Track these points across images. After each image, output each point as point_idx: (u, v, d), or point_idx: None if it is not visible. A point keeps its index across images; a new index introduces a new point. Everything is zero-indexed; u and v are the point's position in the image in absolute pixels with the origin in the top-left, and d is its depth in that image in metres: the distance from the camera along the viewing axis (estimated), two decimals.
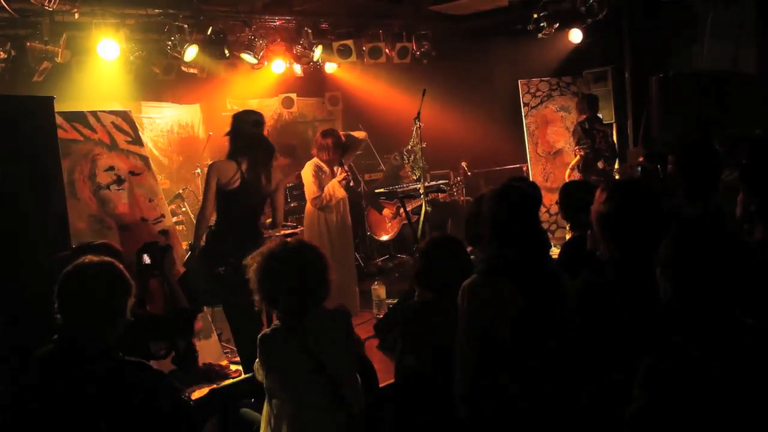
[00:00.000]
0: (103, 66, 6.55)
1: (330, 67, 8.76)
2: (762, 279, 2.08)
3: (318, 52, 7.95)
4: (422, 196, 6.71)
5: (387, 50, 8.36)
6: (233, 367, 5.24)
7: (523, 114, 8.50)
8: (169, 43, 6.81)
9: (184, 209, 7.36)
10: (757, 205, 2.60)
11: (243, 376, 4.93)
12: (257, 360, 2.94)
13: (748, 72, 6.98)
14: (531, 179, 8.31)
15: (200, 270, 4.77)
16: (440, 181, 8.31)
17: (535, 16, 7.29)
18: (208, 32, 7.04)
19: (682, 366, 1.88)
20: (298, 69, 8.51)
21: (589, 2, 7.17)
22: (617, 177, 7.15)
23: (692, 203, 3.48)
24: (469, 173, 8.68)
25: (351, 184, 6.30)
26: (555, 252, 5.31)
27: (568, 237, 5.15)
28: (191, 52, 6.87)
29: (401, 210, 7.29)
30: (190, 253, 4.91)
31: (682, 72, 7.30)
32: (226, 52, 7.15)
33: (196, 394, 4.77)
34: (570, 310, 2.66)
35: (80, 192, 5.06)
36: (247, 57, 7.45)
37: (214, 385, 4.90)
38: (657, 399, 1.88)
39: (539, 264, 2.75)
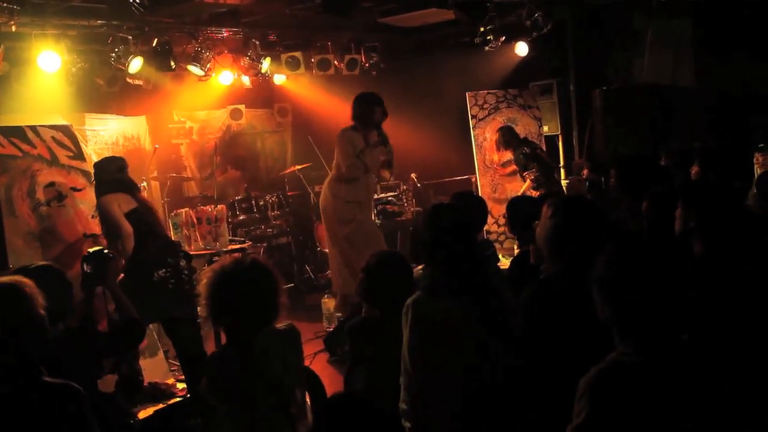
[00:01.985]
0: (44, 77, 6.36)
1: (279, 79, 8.71)
2: (698, 295, 2.12)
3: (266, 64, 7.90)
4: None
5: (336, 62, 8.36)
6: (180, 386, 5.14)
7: (471, 126, 8.58)
8: (113, 54, 6.65)
9: None
10: (695, 220, 2.66)
11: (189, 395, 4.84)
12: (204, 380, 2.89)
13: (686, 85, 7.18)
14: (479, 190, 8.41)
15: (137, 285, 4.68)
16: (389, 194, 8.34)
17: (482, 29, 7.37)
18: (154, 44, 6.93)
19: (621, 382, 1.91)
20: (246, 80, 8.43)
21: (534, 16, 7.29)
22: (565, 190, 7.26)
23: (634, 217, 3.54)
24: (418, 185, 8.72)
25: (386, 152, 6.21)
26: (505, 263, 5.38)
27: (516, 249, 5.22)
28: (136, 64, 6.74)
29: None
30: (122, 275, 4.81)
31: (624, 85, 7.47)
32: (173, 63, 7.04)
33: (142, 415, 4.67)
34: (510, 324, 2.69)
35: (18, 209, 4.92)
36: (193, 69, 7.35)
37: (160, 405, 4.81)
38: (597, 415, 1.90)
39: (476, 281, 2.76)
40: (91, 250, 3.97)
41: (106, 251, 4.09)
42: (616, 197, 3.74)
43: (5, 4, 4.84)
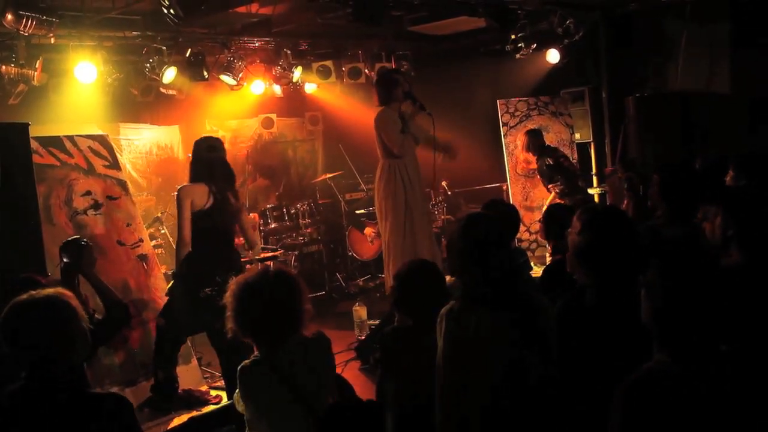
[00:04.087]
0: (80, 88, 6.50)
1: (310, 88, 8.76)
2: (737, 304, 2.08)
3: (297, 73, 7.96)
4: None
5: (366, 70, 8.38)
6: (213, 393, 5.18)
7: (502, 133, 8.54)
8: (148, 65, 6.77)
9: (162, 232, 7.29)
10: (735, 229, 2.61)
11: (224, 402, 4.88)
12: (237, 391, 2.91)
13: (722, 92, 7.07)
14: (510, 198, 8.35)
15: (183, 296, 4.71)
16: None
17: (513, 36, 7.34)
18: (187, 54, 7.02)
19: (656, 391, 1.88)
20: (277, 89, 8.51)
21: (565, 23, 7.24)
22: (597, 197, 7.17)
23: (673, 224, 3.49)
24: (449, 192, 8.69)
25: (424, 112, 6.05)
26: (537, 271, 5.33)
27: (548, 257, 5.17)
28: (170, 74, 6.84)
29: None
30: (172, 281, 4.84)
31: (658, 92, 7.39)
32: (205, 73, 7.13)
33: (176, 421, 4.71)
34: (546, 334, 2.66)
35: (56, 217, 5.00)
36: (226, 78, 7.43)
37: (194, 412, 4.84)
38: (631, 424, 1.88)
39: (510, 290, 2.74)
40: (67, 240, 4.04)
41: (83, 240, 4.17)
42: (654, 204, 3.69)
43: (44, 17, 4.94)
